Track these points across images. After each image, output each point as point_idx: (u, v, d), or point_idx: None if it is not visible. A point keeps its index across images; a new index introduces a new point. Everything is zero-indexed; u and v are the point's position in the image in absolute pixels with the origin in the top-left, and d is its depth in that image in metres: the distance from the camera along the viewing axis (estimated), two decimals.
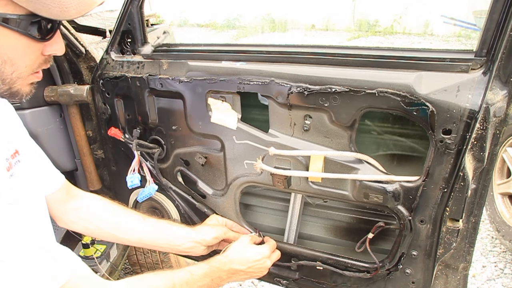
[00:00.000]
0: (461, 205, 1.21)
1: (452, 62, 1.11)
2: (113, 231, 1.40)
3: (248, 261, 1.39)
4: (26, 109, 1.62)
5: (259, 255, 1.41)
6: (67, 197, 1.34)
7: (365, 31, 12.19)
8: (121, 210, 1.43)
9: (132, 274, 2.87)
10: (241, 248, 1.42)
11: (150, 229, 1.42)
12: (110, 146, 1.75)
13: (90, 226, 1.38)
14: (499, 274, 3.02)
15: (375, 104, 1.20)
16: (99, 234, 1.41)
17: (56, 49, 0.89)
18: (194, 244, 1.44)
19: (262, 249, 1.44)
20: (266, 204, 1.83)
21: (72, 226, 1.37)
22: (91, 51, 1.69)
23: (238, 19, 13.85)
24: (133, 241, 1.44)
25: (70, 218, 1.35)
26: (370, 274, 1.44)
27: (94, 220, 1.37)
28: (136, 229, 1.41)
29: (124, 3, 1.47)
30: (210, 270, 1.29)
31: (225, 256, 1.37)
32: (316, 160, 1.33)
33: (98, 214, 1.39)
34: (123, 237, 1.41)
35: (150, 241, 1.43)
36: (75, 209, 1.35)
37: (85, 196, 1.40)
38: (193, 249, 1.45)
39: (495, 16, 1.04)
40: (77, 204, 1.36)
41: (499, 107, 1.08)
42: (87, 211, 1.37)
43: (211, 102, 1.44)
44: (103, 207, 1.41)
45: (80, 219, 1.36)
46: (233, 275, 1.37)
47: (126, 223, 1.41)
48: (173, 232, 1.44)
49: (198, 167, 1.59)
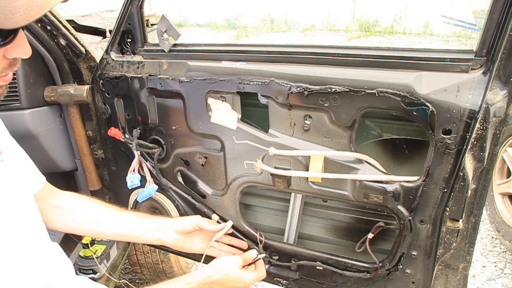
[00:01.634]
0: (461, 205, 1.21)
1: (452, 62, 1.11)
2: (91, 226, 1.42)
3: (228, 286, 1.35)
4: (26, 109, 1.62)
5: (241, 283, 1.37)
6: (47, 196, 1.35)
7: (365, 31, 12.19)
8: (98, 206, 1.45)
9: (132, 274, 2.87)
10: (229, 272, 1.36)
11: (127, 220, 1.44)
12: (110, 146, 1.75)
13: (68, 223, 1.39)
14: (499, 274, 3.02)
15: (375, 104, 1.20)
16: (78, 230, 1.44)
17: (19, 52, 0.84)
18: (164, 229, 1.46)
19: (247, 278, 1.39)
20: (266, 204, 1.83)
21: (52, 225, 1.38)
22: (91, 51, 1.69)
23: (238, 19, 13.84)
24: (111, 234, 1.46)
25: (49, 216, 1.36)
26: (370, 274, 1.43)
27: (72, 216, 1.39)
28: (114, 222, 1.43)
29: (124, 3, 1.47)
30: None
31: (209, 275, 1.33)
32: (316, 160, 1.33)
33: (76, 211, 1.40)
34: (102, 231, 1.44)
35: (127, 231, 1.45)
36: (53, 207, 1.37)
37: (62, 194, 1.41)
38: (164, 233, 1.46)
39: (495, 16, 1.04)
40: (55, 202, 1.37)
41: (499, 107, 1.08)
42: (65, 208, 1.39)
43: (211, 102, 1.44)
44: (80, 204, 1.43)
45: (59, 217, 1.38)
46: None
47: (103, 217, 1.43)
48: (148, 219, 1.47)
49: (198, 167, 1.59)
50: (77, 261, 1.83)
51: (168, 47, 1.45)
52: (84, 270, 1.80)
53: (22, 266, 0.88)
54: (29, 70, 1.61)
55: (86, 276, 1.78)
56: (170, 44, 1.44)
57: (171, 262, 2.63)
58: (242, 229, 1.61)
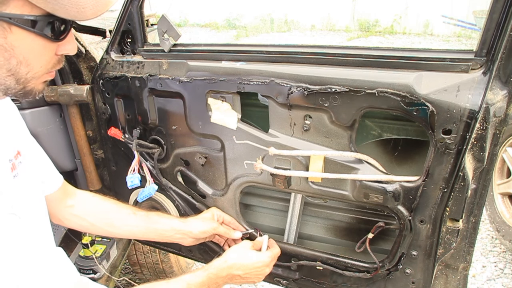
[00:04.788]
0: (461, 205, 1.21)
1: (452, 62, 1.11)
2: (106, 227, 1.44)
3: (247, 268, 1.37)
4: (26, 109, 1.62)
5: (259, 263, 1.39)
6: (63, 196, 1.36)
7: (365, 31, 12.19)
8: (113, 206, 1.46)
9: (132, 274, 2.87)
10: (242, 253, 1.40)
11: (140, 223, 1.46)
12: (110, 146, 1.75)
13: (84, 223, 1.41)
14: (499, 274, 3.02)
15: (375, 104, 1.20)
16: (93, 230, 1.46)
17: (68, 49, 0.90)
18: (182, 236, 1.48)
19: (263, 257, 1.41)
20: (266, 204, 1.83)
21: (66, 223, 1.40)
22: (91, 51, 1.69)
23: (238, 19, 13.85)
24: (125, 234, 1.49)
25: (64, 215, 1.38)
26: (370, 274, 1.44)
27: (88, 217, 1.41)
28: (128, 224, 1.45)
29: (124, 3, 1.47)
30: (208, 278, 1.29)
31: (223, 261, 1.36)
32: (316, 160, 1.33)
33: (91, 211, 1.42)
34: (116, 232, 1.46)
35: (141, 234, 1.47)
36: (69, 207, 1.38)
37: (78, 193, 1.43)
38: (181, 239, 1.49)
39: (495, 16, 1.04)
40: (71, 202, 1.39)
41: (499, 107, 1.08)
42: (80, 208, 1.40)
43: (211, 102, 1.44)
44: (95, 204, 1.45)
45: (74, 216, 1.39)
46: (230, 280, 1.37)
47: (118, 218, 1.45)
48: (162, 225, 1.48)
49: (198, 167, 1.59)
50: (77, 261, 1.83)
51: (168, 47, 1.45)
52: (84, 270, 1.80)
53: (28, 272, 0.88)
54: None
55: (86, 276, 1.77)
56: (170, 44, 1.44)
57: (171, 262, 2.63)
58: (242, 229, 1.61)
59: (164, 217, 1.52)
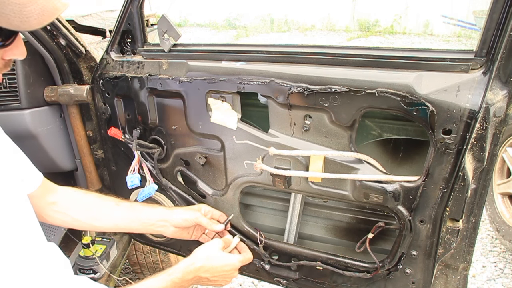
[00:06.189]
0: (461, 205, 1.21)
1: (452, 62, 1.11)
2: (89, 221, 1.42)
3: (216, 270, 1.33)
4: (26, 109, 1.62)
5: (228, 266, 1.35)
6: (44, 193, 1.34)
7: (365, 31, 12.19)
8: (96, 199, 1.45)
9: (132, 274, 2.87)
10: (211, 254, 1.35)
11: (124, 215, 1.44)
12: (110, 146, 1.75)
13: (67, 219, 1.39)
14: (499, 274, 3.02)
15: (375, 104, 1.20)
16: (77, 225, 1.44)
17: (16, 54, 0.87)
18: (164, 223, 1.46)
19: (233, 260, 1.37)
20: (266, 204, 1.83)
21: (50, 220, 1.38)
22: (91, 51, 1.69)
23: (238, 19, 13.85)
24: (109, 227, 1.47)
25: (47, 212, 1.36)
26: (370, 274, 1.43)
27: (70, 212, 1.39)
28: (111, 216, 1.44)
29: (124, 3, 1.47)
30: (172, 283, 1.25)
31: (191, 263, 1.31)
32: (316, 160, 1.33)
33: (74, 206, 1.40)
34: (100, 225, 1.44)
35: (125, 225, 1.46)
36: (51, 204, 1.36)
37: (59, 190, 1.41)
38: (163, 227, 1.47)
39: (495, 16, 1.04)
40: (53, 198, 1.37)
41: (499, 107, 1.08)
42: (62, 204, 1.38)
43: (211, 102, 1.44)
44: (78, 199, 1.43)
45: (56, 213, 1.37)
46: (196, 282, 1.34)
47: (101, 212, 1.43)
48: (146, 213, 1.47)
49: (198, 167, 1.59)
50: (77, 261, 1.83)
51: (168, 47, 1.45)
52: (84, 270, 1.80)
53: (18, 268, 0.88)
54: (29, 70, 1.61)
55: (86, 276, 1.77)
56: (170, 44, 1.44)
57: (171, 262, 2.63)
58: (242, 229, 1.61)
59: (148, 206, 1.50)
